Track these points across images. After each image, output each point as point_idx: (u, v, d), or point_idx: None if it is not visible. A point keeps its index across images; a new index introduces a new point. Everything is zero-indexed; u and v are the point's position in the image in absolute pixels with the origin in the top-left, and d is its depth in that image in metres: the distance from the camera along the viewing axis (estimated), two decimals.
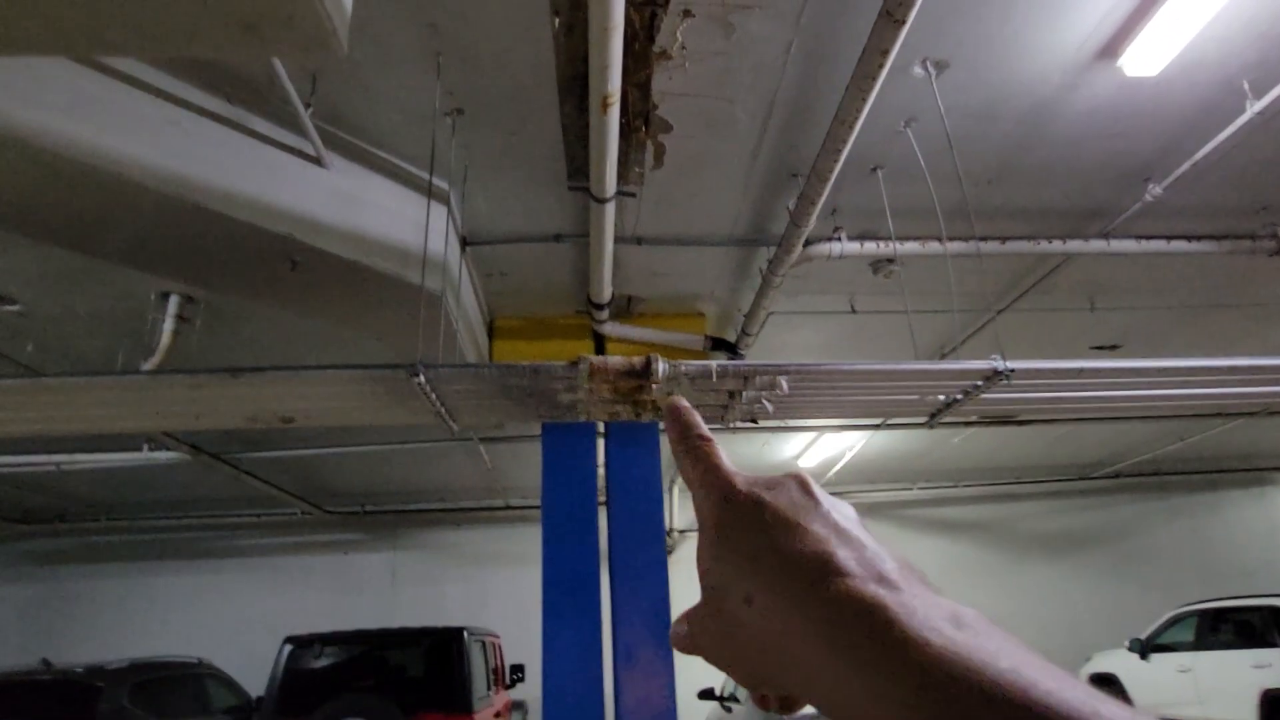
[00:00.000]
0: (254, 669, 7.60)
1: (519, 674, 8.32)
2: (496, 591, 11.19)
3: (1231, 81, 3.72)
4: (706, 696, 8.43)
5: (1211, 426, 9.05)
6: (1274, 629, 7.06)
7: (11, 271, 4.78)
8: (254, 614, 10.97)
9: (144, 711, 5.84)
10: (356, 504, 11.26)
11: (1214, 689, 7.37)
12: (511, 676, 8.32)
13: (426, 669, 6.60)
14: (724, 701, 8.25)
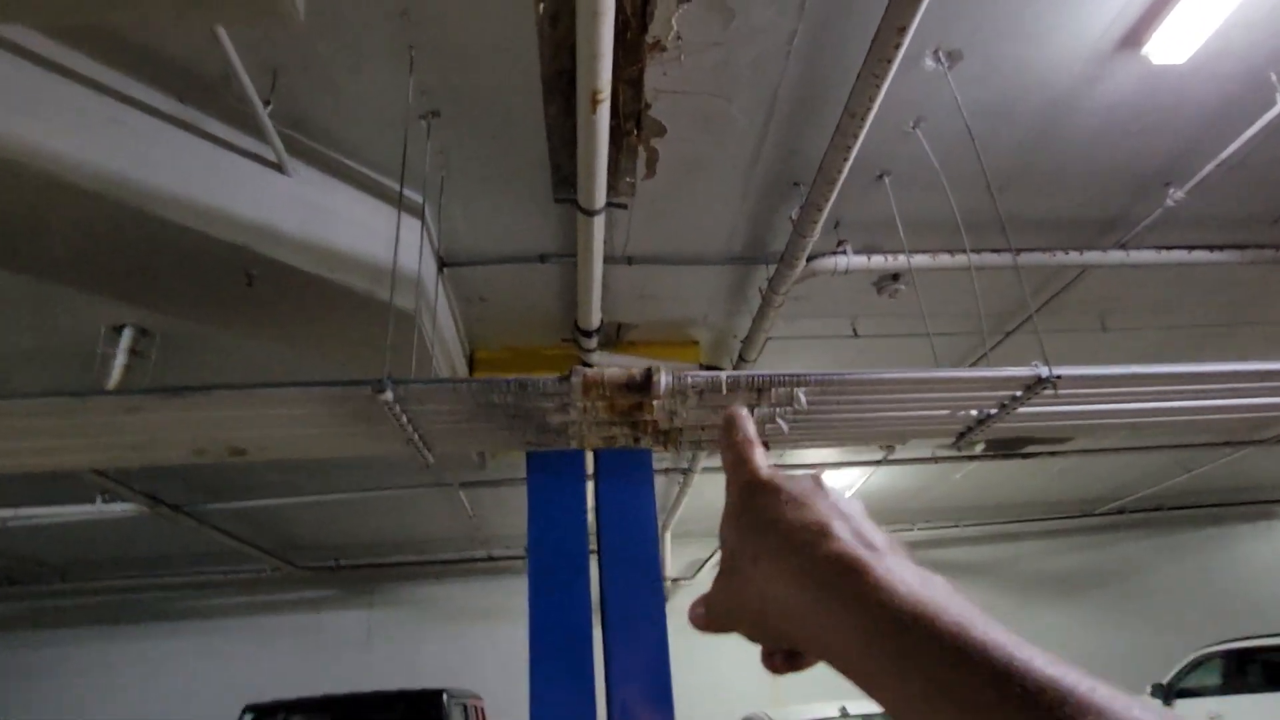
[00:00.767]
0: None
1: None
2: (479, 649, 10.51)
3: (1257, 74, 3.52)
4: None
5: (1218, 457, 8.77)
6: None
7: None
8: (219, 679, 10.28)
9: None
10: (329, 558, 10.62)
11: None
12: None
13: None
14: None
